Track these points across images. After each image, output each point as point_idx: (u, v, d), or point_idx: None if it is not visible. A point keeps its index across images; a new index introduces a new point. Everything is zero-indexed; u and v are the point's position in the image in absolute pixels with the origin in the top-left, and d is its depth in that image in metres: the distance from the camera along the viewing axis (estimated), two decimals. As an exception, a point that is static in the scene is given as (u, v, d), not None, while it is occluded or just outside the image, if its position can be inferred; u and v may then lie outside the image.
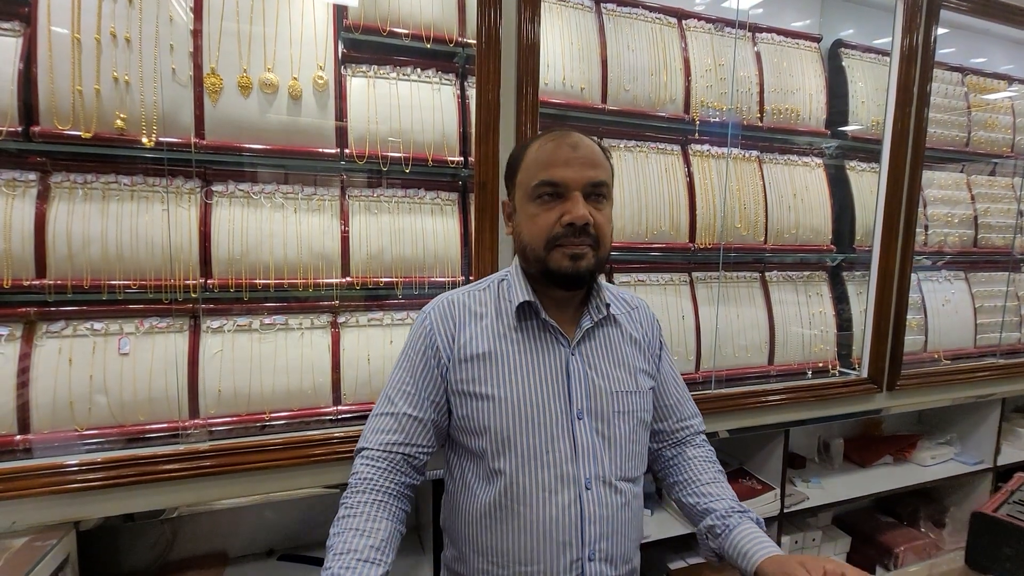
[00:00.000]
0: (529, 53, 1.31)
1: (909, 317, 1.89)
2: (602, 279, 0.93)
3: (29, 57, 1.15)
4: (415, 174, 1.44)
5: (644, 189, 1.69)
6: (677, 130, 1.75)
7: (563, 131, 0.86)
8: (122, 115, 1.21)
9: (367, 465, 0.86)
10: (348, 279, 1.39)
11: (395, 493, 0.86)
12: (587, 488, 0.82)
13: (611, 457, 0.85)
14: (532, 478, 0.81)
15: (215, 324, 1.33)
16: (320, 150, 1.35)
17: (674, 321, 1.73)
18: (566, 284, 0.84)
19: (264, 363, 1.33)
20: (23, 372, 1.18)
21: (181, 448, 1.17)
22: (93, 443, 1.21)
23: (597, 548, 0.83)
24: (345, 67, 1.40)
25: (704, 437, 1.03)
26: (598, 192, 0.84)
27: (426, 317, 0.91)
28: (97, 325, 1.25)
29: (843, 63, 1.94)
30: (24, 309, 1.22)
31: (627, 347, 0.94)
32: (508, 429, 0.82)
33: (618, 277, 1.69)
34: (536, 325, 0.88)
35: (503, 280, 0.92)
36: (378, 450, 0.87)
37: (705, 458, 0.98)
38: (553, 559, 0.81)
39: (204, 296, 1.31)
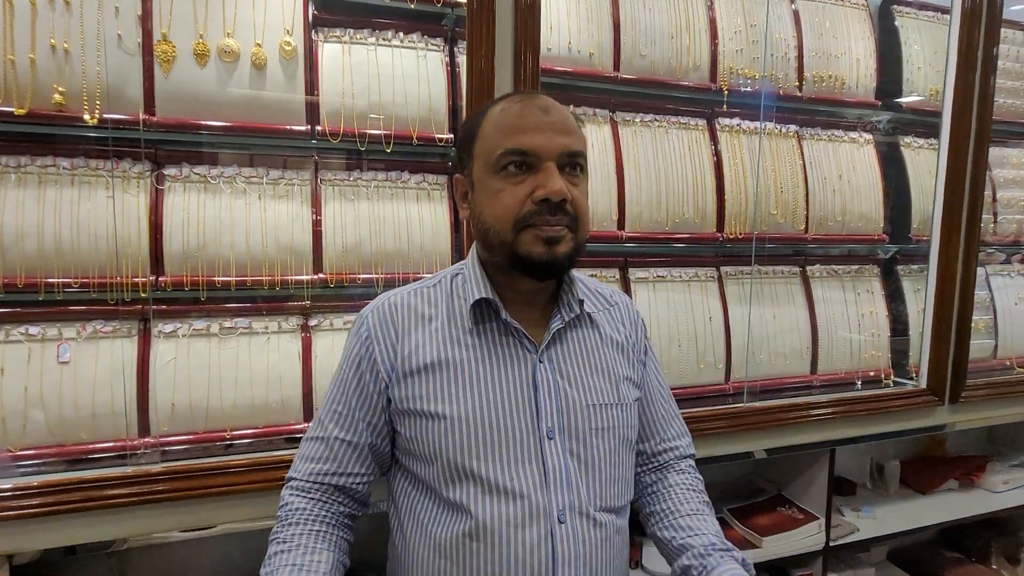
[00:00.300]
0: (528, 13, 1.32)
1: (975, 318, 1.88)
2: (575, 271, 0.93)
3: (-46, 23, 1.17)
4: (398, 154, 1.44)
5: (664, 170, 1.69)
6: (702, 101, 1.75)
7: (529, 92, 0.85)
8: (60, 88, 1.22)
9: (297, 496, 0.87)
10: (321, 276, 1.39)
11: (334, 522, 0.87)
12: (560, 522, 0.80)
13: (589, 483, 0.83)
14: (494, 511, 0.80)
15: (168, 328, 1.34)
16: (288, 127, 1.36)
17: (699, 323, 1.72)
18: (539, 273, 0.82)
19: (225, 373, 1.33)
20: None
21: (130, 471, 1.17)
22: (29, 465, 1.22)
23: None
24: (316, 31, 1.40)
25: (692, 463, 1.02)
26: (575, 163, 0.81)
27: (363, 323, 0.90)
28: (32, 330, 1.27)
29: (896, 23, 1.94)
30: (-51, 312, 1.23)
31: (607, 350, 0.92)
32: (464, 454, 0.81)
33: (634, 272, 1.70)
34: (496, 328, 0.87)
35: (458, 274, 0.91)
36: (307, 480, 0.88)
37: (688, 486, 0.96)
38: None
39: (155, 296, 1.32)
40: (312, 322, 1.42)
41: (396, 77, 1.42)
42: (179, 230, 1.32)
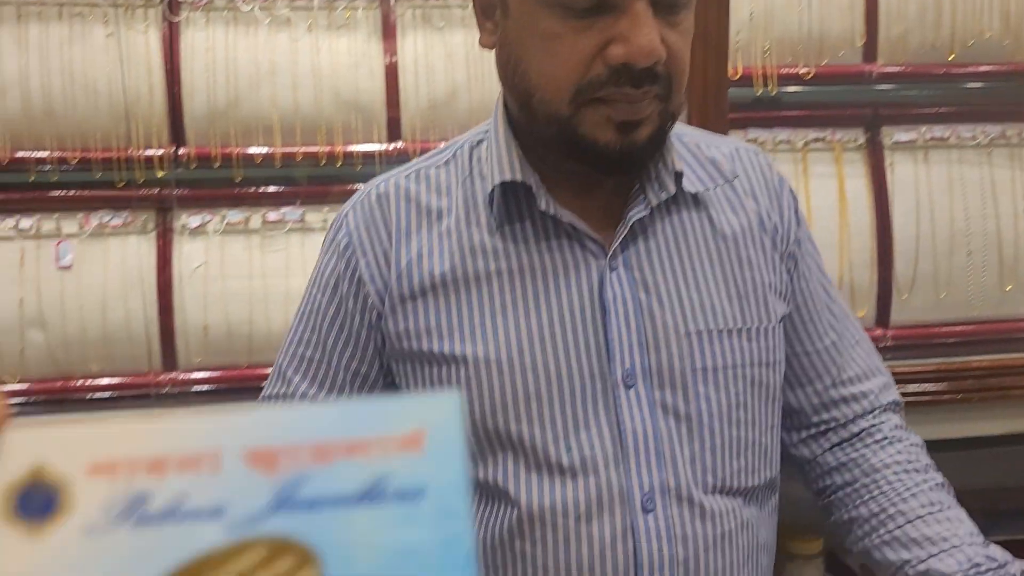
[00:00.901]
0: None
1: None
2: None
3: None
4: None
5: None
6: None
7: None
8: None
9: None
10: (398, 145, 1.38)
11: None
12: (646, 510, 0.78)
13: (692, 453, 0.80)
14: (545, 497, 0.78)
15: (194, 222, 1.34)
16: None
17: (1006, 218, 1.53)
18: (607, 166, 0.77)
19: (271, 286, 1.34)
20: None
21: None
22: (28, 402, 1.27)
23: None
24: None
25: (898, 419, 0.92)
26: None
27: (340, 227, 0.85)
28: (24, 222, 1.31)
29: None
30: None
31: (724, 246, 0.84)
32: (496, 413, 0.79)
33: (891, 133, 1.54)
34: (539, 223, 0.81)
35: (480, 142, 0.87)
36: None
37: (907, 463, 0.88)
38: None
39: (176, 177, 1.32)
40: (389, 213, 1.38)
41: None
42: (202, 80, 1.31)
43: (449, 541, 0.23)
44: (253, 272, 1.33)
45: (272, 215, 1.36)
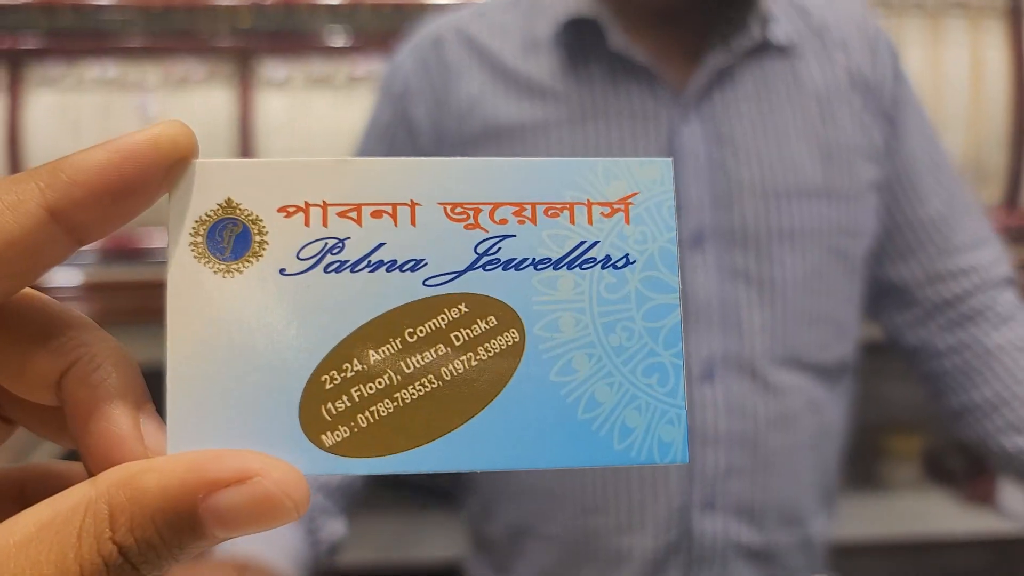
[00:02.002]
0: None
1: None
2: None
3: None
4: None
5: None
6: None
7: None
8: None
9: None
10: None
11: None
12: (706, 379, 0.75)
13: (764, 319, 0.77)
14: None
15: (279, 74, 1.34)
16: None
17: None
18: None
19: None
20: (13, 140, 1.29)
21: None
22: (103, 259, 1.29)
23: (721, 490, 0.77)
24: None
25: (1013, 297, 0.87)
26: None
27: (395, 73, 0.83)
28: (111, 71, 1.32)
29: None
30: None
31: (811, 103, 0.80)
32: None
33: None
34: (606, 66, 0.77)
35: None
36: None
37: None
38: (637, 505, 0.76)
39: (260, 27, 1.32)
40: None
41: None
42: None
43: (657, 313, 0.22)
44: (339, 129, 1.32)
45: (358, 70, 1.34)
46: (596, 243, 0.22)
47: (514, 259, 0.22)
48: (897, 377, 1.02)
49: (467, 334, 0.21)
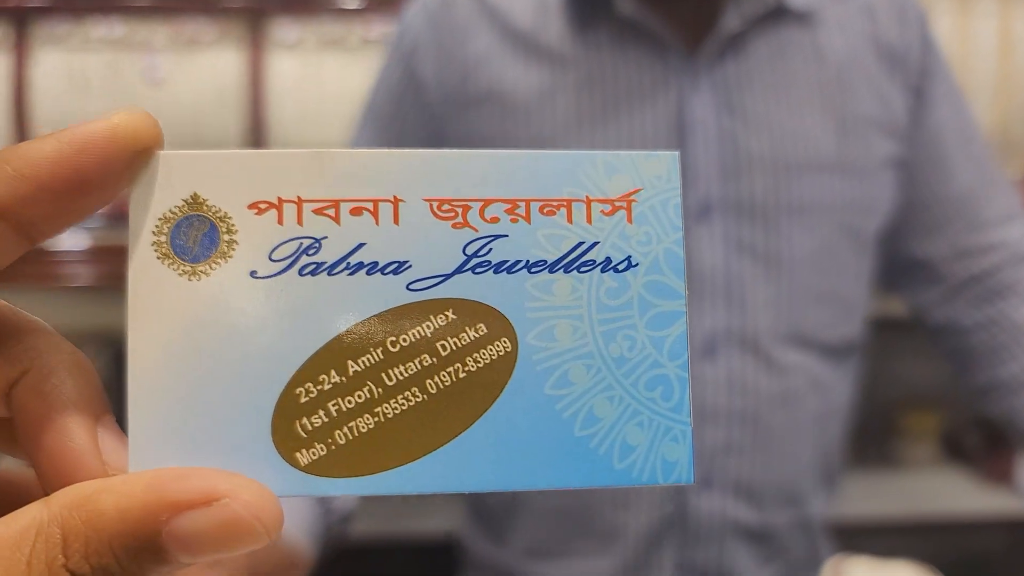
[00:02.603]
0: None
1: None
2: None
3: None
4: None
5: None
6: None
7: None
8: None
9: None
10: None
11: None
12: (707, 354, 0.74)
13: (769, 296, 0.76)
14: None
15: (290, 35, 1.32)
16: None
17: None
18: None
19: None
20: (19, 101, 1.28)
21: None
22: (111, 222, 1.30)
23: (719, 468, 0.77)
24: None
25: None
26: None
27: (405, 29, 0.82)
28: (117, 30, 1.30)
29: None
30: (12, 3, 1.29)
31: (829, 72, 0.79)
32: None
33: None
34: (616, 29, 0.76)
35: None
36: None
37: None
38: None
39: None
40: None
41: None
42: None
43: (662, 321, 0.21)
44: (347, 93, 1.31)
45: (371, 32, 1.32)
46: (596, 244, 0.21)
47: (506, 261, 0.20)
48: (914, 354, 1.01)
49: (454, 343, 0.20)
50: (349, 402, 0.19)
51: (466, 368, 0.20)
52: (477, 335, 0.20)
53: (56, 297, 1.31)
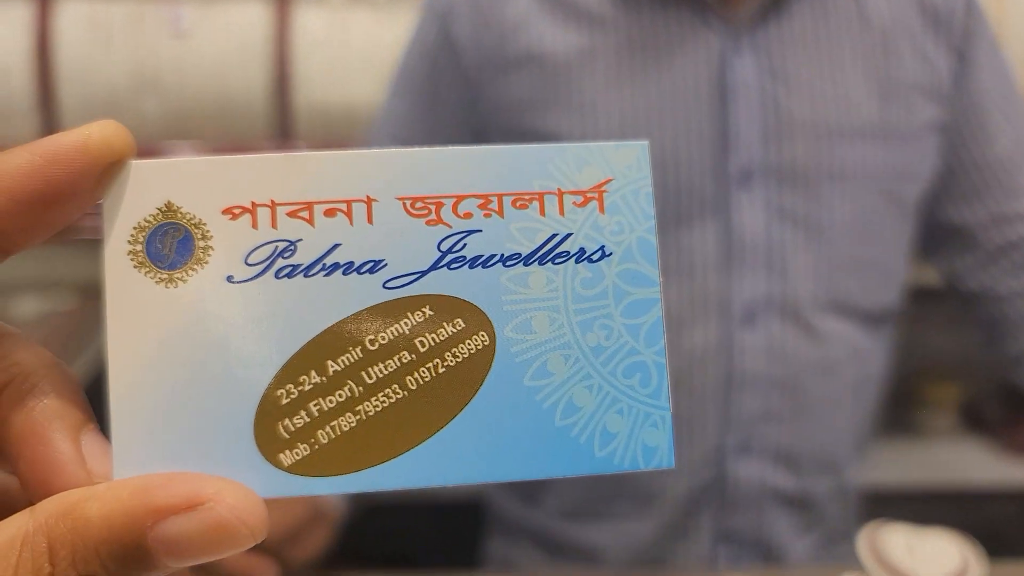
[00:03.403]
0: None
1: None
2: None
3: None
4: None
5: None
6: None
7: None
8: None
9: None
10: None
11: None
12: (746, 322, 0.75)
13: (809, 263, 0.76)
14: None
15: None
16: None
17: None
18: None
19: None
20: (42, 52, 1.29)
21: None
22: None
23: (758, 434, 0.76)
24: None
25: None
26: None
27: None
28: None
29: None
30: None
31: (872, 36, 0.78)
32: None
33: None
34: None
35: None
36: None
37: None
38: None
39: None
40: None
41: None
42: None
43: (637, 309, 0.21)
44: (379, 48, 1.29)
45: (395, -17, 1.30)
46: (569, 235, 0.21)
47: (481, 256, 0.21)
48: (935, 324, 1.00)
49: (432, 339, 0.20)
50: (330, 401, 0.20)
51: (445, 363, 0.20)
52: (455, 330, 0.20)
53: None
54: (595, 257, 0.21)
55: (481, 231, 0.21)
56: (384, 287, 0.20)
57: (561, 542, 0.81)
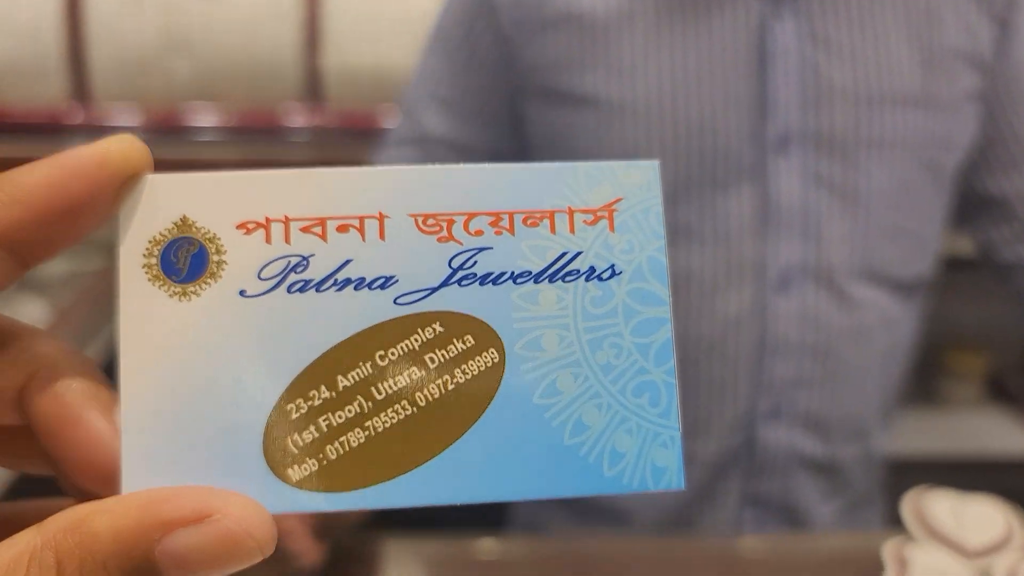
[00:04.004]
0: None
1: None
2: None
3: None
4: None
5: None
6: None
7: None
8: None
9: None
10: None
11: None
12: (781, 288, 0.74)
13: (845, 231, 0.76)
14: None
15: None
16: None
17: None
18: None
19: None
20: (72, 12, 1.28)
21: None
22: (153, 132, 1.30)
23: (788, 400, 0.77)
24: None
25: None
26: None
27: None
28: None
29: None
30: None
31: (919, 2, 0.77)
32: None
33: None
34: None
35: None
36: None
37: None
38: (704, 408, 0.78)
39: None
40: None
41: None
42: None
43: (646, 328, 0.21)
44: (411, 10, 1.27)
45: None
46: (579, 253, 0.21)
47: (491, 273, 0.21)
48: (962, 294, 0.98)
49: (442, 355, 0.20)
50: (340, 417, 0.20)
51: (455, 380, 0.20)
52: (465, 347, 0.20)
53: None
54: (605, 275, 0.21)
55: (492, 248, 0.21)
56: (395, 303, 0.20)
57: (588, 503, 0.83)
